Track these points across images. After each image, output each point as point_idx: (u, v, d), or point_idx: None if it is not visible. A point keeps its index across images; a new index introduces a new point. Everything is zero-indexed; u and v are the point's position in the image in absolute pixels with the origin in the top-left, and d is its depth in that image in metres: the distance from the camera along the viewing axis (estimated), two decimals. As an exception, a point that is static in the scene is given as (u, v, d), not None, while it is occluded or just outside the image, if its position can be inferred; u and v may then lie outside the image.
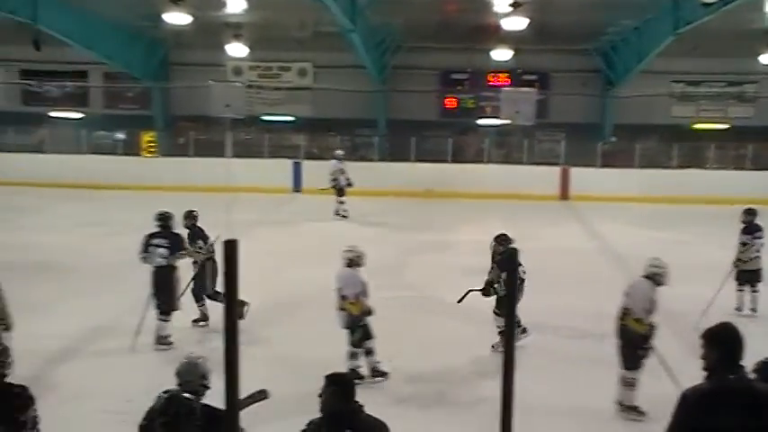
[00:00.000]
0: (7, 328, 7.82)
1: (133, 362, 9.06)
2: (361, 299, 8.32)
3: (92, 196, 23.51)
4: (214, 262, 10.38)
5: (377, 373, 8.44)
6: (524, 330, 9.38)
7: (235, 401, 2.40)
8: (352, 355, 8.42)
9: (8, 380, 4.71)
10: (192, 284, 10.41)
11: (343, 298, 8.38)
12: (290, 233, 18.34)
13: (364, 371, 8.40)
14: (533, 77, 28.02)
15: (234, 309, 2.39)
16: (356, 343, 8.40)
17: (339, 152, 21.23)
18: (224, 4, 21.71)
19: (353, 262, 8.43)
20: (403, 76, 28.34)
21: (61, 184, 24.95)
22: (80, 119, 29.70)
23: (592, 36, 25.66)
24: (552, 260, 14.09)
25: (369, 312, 8.36)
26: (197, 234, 10.49)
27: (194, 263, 10.43)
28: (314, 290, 12.45)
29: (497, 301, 9.40)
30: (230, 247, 2.40)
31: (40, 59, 25.84)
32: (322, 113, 29.03)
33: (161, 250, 9.65)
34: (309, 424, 4.32)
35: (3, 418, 4.47)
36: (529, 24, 20.42)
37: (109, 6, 22.94)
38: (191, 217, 10.79)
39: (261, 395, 4.85)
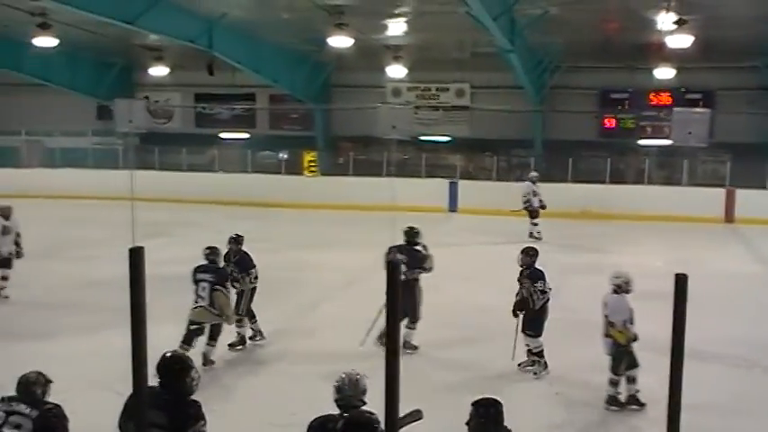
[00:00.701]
0: (228, 321, 9.30)
1: (295, 374, 9.44)
2: (627, 326, 8.18)
3: (257, 214, 24.51)
4: (254, 289, 10.56)
5: (634, 401, 8.31)
6: (546, 366, 9.22)
7: (395, 421, 2.54)
8: (613, 383, 8.32)
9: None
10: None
11: (611, 325, 8.26)
12: (448, 253, 18.40)
13: (622, 398, 8.34)
14: (697, 96, 27.03)
15: (396, 328, 2.52)
16: (620, 371, 8.30)
17: (533, 174, 21.15)
18: (385, 27, 22.32)
19: (621, 288, 8.32)
20: (561, 96, 28.07)
21: (229, 201, 26.17)
22: (247, 139, 31.12)
23: (762, 51, 24.55)
24: (715, 285, 13.57)
25: (635, 339, 8.21)
26: (243, 262, 10.57)
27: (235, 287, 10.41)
28: (474, 311, 12.57)
29: (525, 320, 9.36)
30: (393, 267, 2.54)
31: (213, 84, 27.44)
32: (479, 133, 29.16)
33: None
34: None
35: (174, 428, 4.79)
36: (693, 41, 19.85)
37: (276, 32, 24.01)
38: (236, 242, 10.82)
39: (416, 415, 4.95)
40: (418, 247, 10.31)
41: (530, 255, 9.60)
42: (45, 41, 21.43)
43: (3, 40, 25.52)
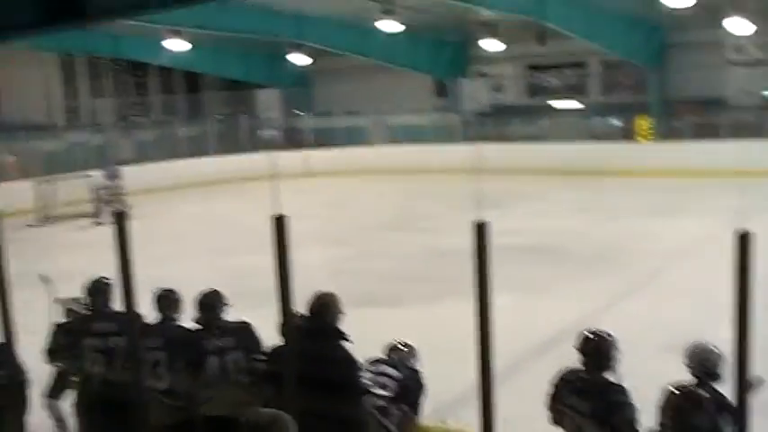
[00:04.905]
0: None
1: (634, 344, 9.38)
2: None
3: (590, 183, 24.34)
4: None
5: None
6: None
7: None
8: None
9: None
10: None
11: None
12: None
13: None
14: None
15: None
16: None
17: None
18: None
19: None
20: None
21: (560, 171, 26.21)
22: (578, 108, 30.88)
23: None
24: None
25: None
26: None
27: None
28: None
29: None
30: (743, 240, 2.53)
31: (544, 54, 27.61)
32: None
33: None
34: None
35: (597, 416, 4.66)
36: None
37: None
38: None
39: (759, 382, 4.82)
40: None
41: None
42: (390, 25, 23.00)
43: (349, 27, 27.73)
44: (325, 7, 25.59)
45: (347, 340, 5.06)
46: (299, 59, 30.57)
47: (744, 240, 2.55)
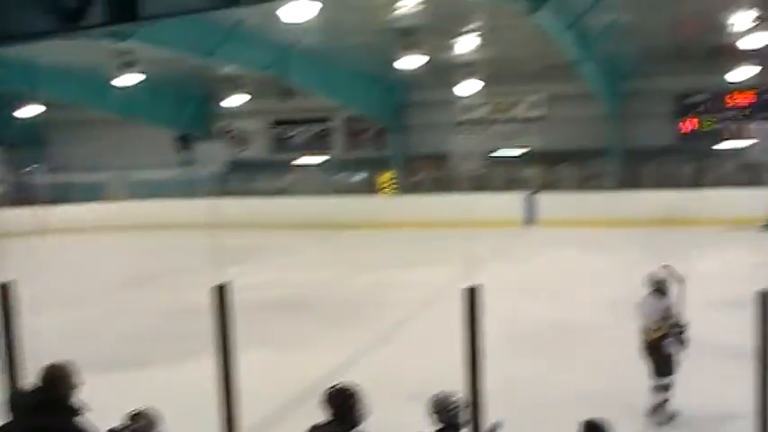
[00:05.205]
0: None
1: (382, 395, 9.45)
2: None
3: (334, 236, 24.78)
4: None
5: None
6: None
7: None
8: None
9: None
10: None
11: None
12: (525, 267, 18.30)
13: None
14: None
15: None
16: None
17: None
18: (456, 45, 22.36)
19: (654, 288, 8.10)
20: (637, 102, 27.65)
21: (306, 225, 26.54)
22: (324, 162, 31.56)
23: None
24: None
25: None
26: None
27: None
28: (553, 325, 12.35)
29: None
30: (471, 294, 2.65)
31: (289, 109, 27.98)
32: (555, 144, 28.92)
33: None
34: None
35: None
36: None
37: (349, 56, 24.52)
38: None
39: (497, 426, 5.01)
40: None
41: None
42: (130, 78, 21.89)
43: (87, 78, 26.46)
44: (60, 58, 24.08)
45: (80, 414, 4.66)
46: (30, 112, 28.63)
47: (472, 294, 2.61)
